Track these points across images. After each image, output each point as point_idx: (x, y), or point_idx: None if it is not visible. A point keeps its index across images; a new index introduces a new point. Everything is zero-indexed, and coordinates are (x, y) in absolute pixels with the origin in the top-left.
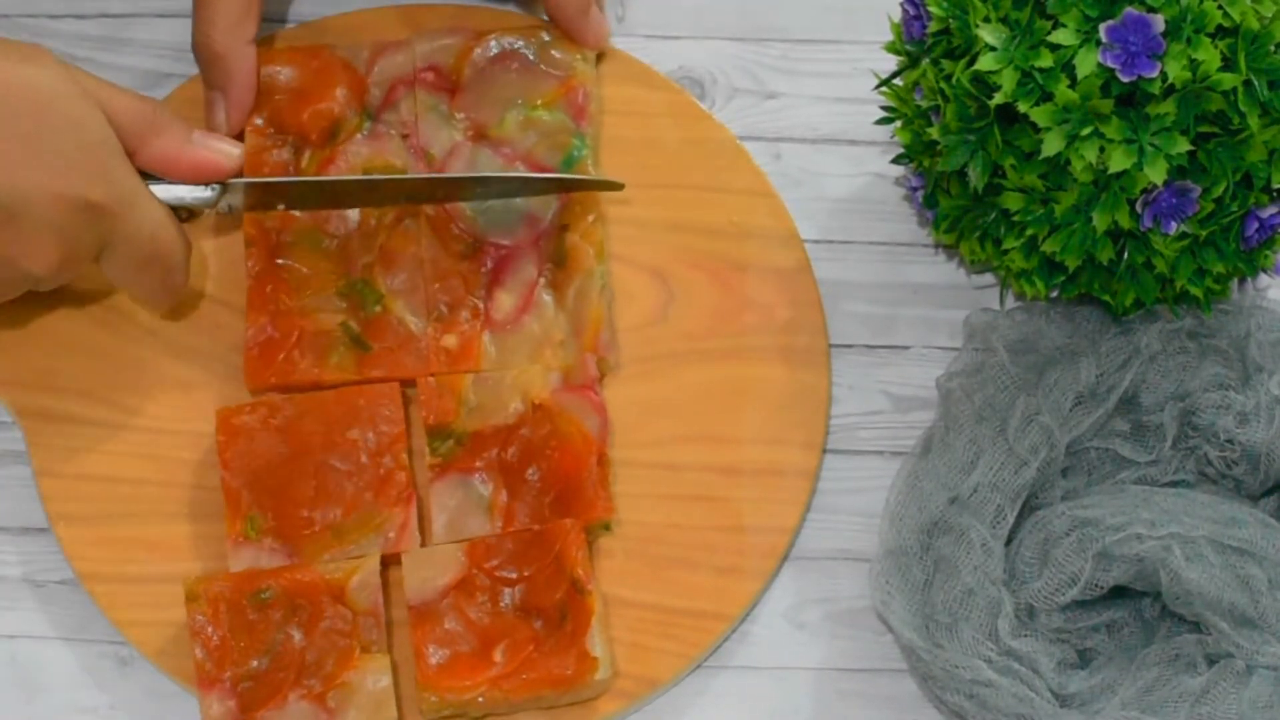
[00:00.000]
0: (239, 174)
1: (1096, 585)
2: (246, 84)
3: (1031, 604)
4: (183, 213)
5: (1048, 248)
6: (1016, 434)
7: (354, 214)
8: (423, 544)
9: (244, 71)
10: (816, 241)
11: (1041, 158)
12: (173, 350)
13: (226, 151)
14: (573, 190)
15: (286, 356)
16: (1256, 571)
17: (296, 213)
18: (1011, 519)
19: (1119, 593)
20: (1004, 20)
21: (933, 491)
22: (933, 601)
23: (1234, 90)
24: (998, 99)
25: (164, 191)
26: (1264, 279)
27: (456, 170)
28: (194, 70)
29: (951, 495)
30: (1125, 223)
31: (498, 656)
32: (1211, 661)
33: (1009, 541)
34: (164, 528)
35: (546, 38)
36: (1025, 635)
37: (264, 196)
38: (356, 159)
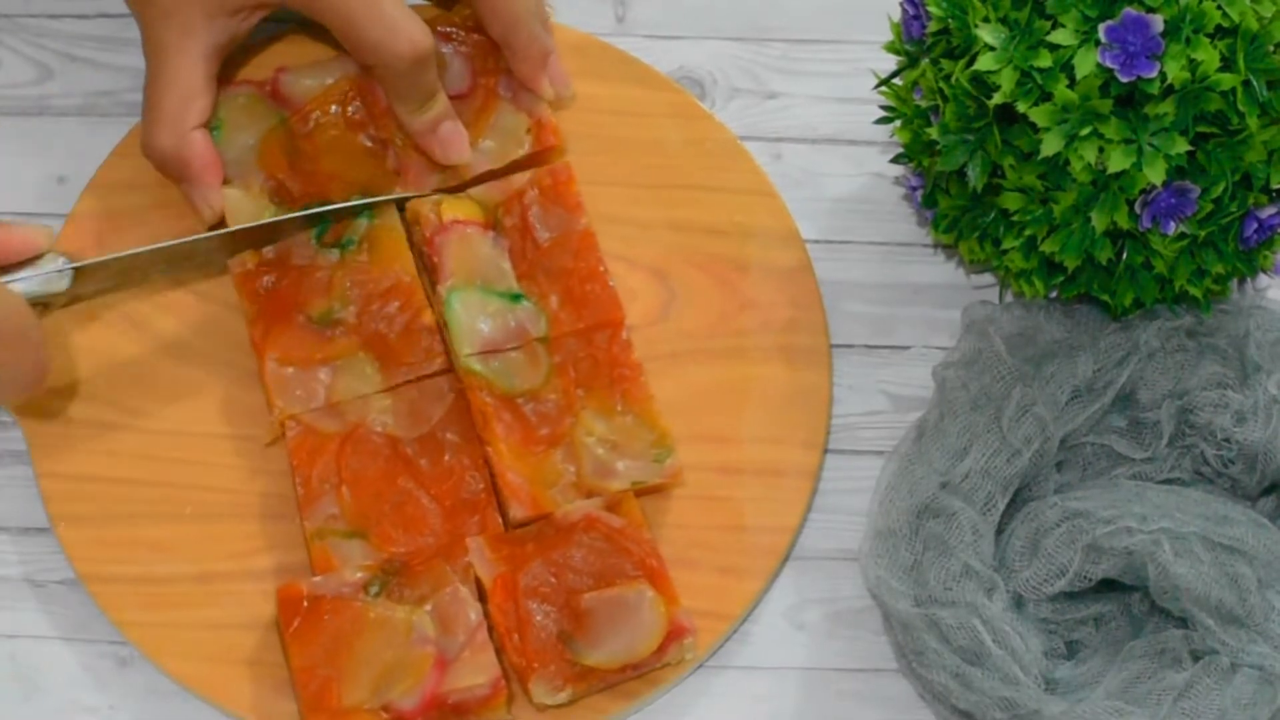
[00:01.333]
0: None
1: (1085, 577)
2: (202, 169)
3: (1020, 594)
4: (37, 308)
5: (1047, 248)
6: (1010, 423)
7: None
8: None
9: (196, 159)
10: (816, 241)
11: (1040, 158)
12: (173, 350)
13: (37, 230)
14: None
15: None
16: (1246, 570)
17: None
18: (1002, 506)
19: (1108, 586)
20: (1003, 20)
21: (924, 476)
22: (924, 580)
23: (1233, 90)
24: (997, 99)
25: (18, 285)
26: (1263, 279)
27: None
28: None
29: (943, 480)
30: (1124, 223)
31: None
32: (1196, 658)
33: (1000, 532)
34: (164, 528)
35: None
36: (1015, 619)
37: (114, 279)
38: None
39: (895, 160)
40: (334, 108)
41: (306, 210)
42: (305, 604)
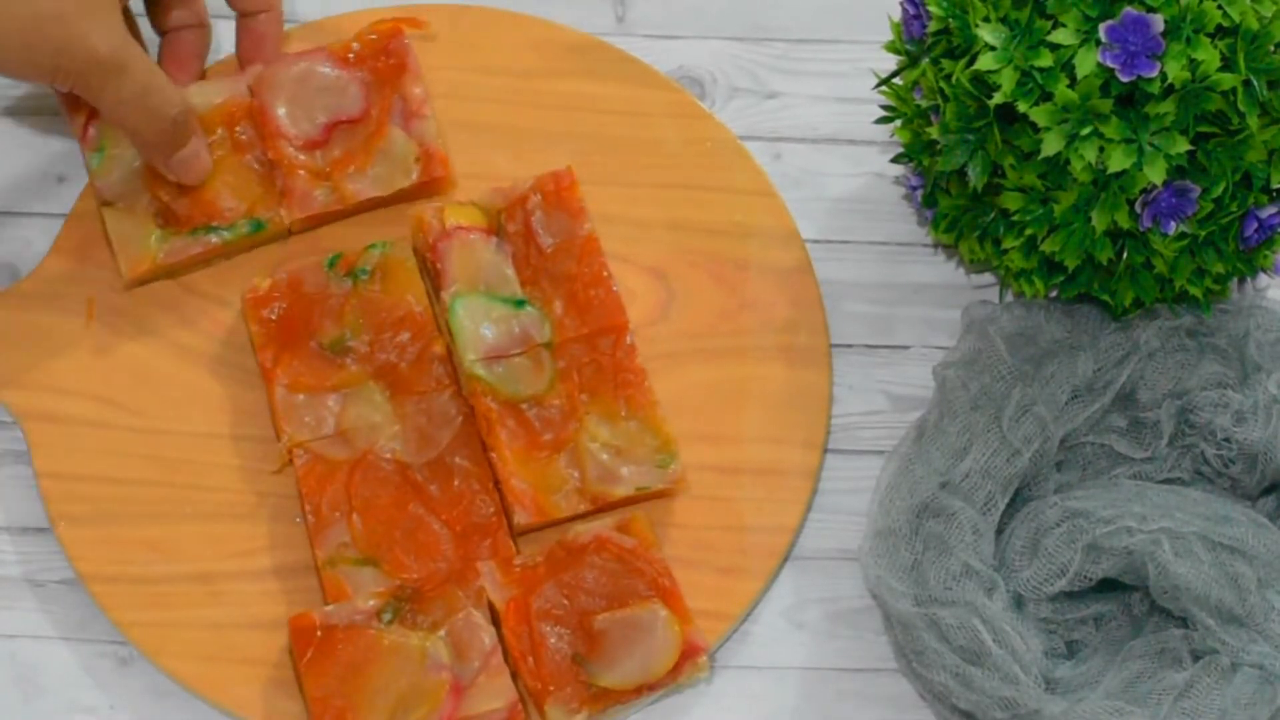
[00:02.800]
0: None
1: (1085, 577)
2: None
3: (1020, 593)
4: None
5: (1047, 247)
6: (1010, 423)
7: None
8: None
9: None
10: (816, 241)
11: (1041, 157)
12: (173, 350)
13: None
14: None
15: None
16: (1246, 570)
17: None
18: (1002, 506)
19: (1108, 586)
20: (1004, 20)
21: (924, 476)
22: (924, 579)
23: (1233, 90)
24: (997, 99)
25: None
26: (1263, 279)
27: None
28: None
29: (943, 480)
30: (1124, 223)
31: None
32: (1197, 657)
33: (1000, 532)
34: (164, 528)
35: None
36: (1015, 618)
37: None
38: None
39: (895, 160)
40: (220, 130)
41: (195, 233)
42: (319, 634)
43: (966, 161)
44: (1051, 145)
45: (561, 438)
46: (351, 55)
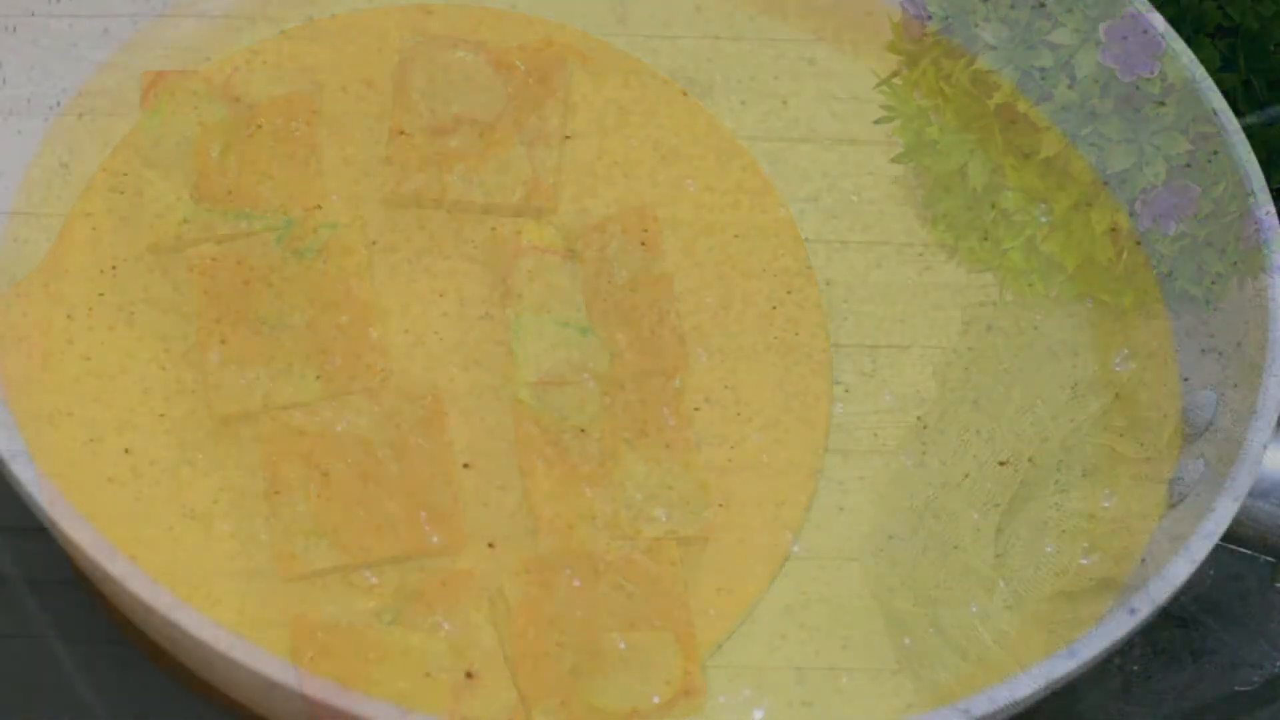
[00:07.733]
0: None
1: (1085, 577)
2: None
3: (1020, 593)
4: None
5: (1047, 247)
6: (1010, 423)
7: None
8: None
9: None
10: (816, 241)
11: (1041, 157)
12: (173, 351)
13: None
14: None
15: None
16: (1246, 569)
17: None
18: (1002, 506)
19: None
20: (1004, 20)
21: (924, 476)
22: (924, 580)
23: (1233, 90)
24: (997, 99)
25: None
26: (1263, 279)
27: None
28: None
29: (943, 480)
30: (1124, 223)
31: None
32: (1196, 657)
33: (1000, 532)
34: (164, 527)
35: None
36: (1015, 618)
37: None
38: None
39: (896, 160)
40: (280, 119)
41: (226, 213)
42: (319, 634)
43: (966, 162)
44: (1051, 145)
45: (598, 472)
46: (510, 58)
